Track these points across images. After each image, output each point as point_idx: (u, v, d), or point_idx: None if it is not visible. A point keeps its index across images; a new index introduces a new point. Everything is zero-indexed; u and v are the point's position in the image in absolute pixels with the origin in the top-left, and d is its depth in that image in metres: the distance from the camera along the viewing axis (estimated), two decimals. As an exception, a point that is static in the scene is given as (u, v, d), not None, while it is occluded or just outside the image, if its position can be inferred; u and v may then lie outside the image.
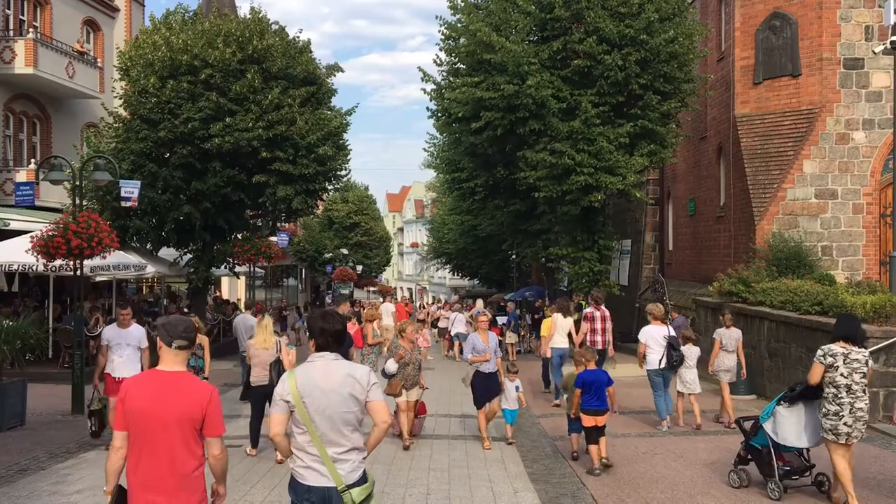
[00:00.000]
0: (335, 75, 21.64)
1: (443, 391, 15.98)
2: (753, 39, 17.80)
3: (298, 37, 20.96)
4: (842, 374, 7.02)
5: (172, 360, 4.21)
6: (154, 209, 19.26)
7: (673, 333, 11.51)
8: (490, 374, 10.63)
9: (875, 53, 14.76)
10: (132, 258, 18.67)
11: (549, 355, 14.25)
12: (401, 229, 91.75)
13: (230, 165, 19.56)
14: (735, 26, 18.17)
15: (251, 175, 19.70)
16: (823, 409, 7.20)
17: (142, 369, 9.76)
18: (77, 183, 13.88)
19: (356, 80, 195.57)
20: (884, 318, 11.83)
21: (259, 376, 9.68)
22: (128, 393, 4.13)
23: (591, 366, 9.39)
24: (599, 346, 13.34)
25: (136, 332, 10.34)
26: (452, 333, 22.13)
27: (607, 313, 14.00)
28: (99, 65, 24.60)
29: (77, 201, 13.83)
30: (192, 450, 4.10)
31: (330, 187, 24.11)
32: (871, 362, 7.41)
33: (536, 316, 24.89)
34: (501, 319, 23.17)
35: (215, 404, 4.17)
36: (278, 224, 27.19)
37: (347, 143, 22.08)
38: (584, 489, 8.37)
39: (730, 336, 11.86)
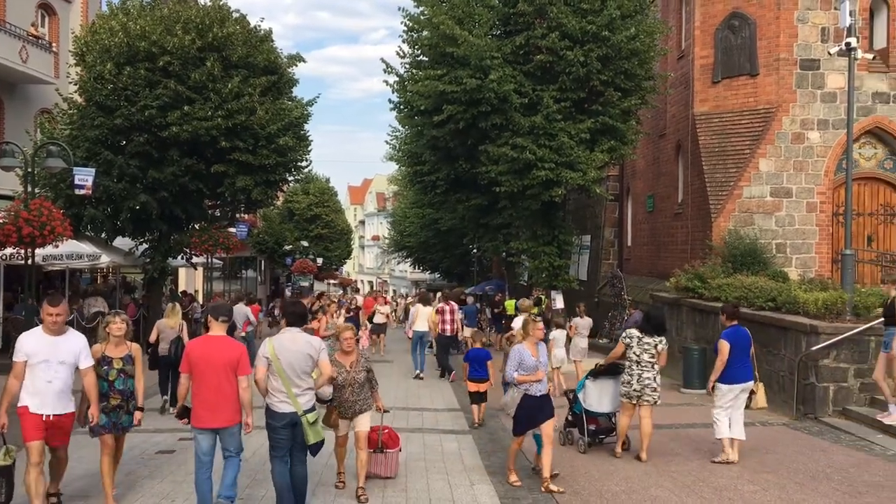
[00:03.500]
0: (296, 65, 21.39)
1: (400, 385, 15.97)
2: (713, 38, 18.04)
3: (260, 26, 20.68)
4: (634, 353, 9.23)
5: (218, 329, 6.82)
6: (109, 198, 18.86)
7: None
8: (543, 397, 8.21)
9: (830, 55, 15.04)
10: (86, 247, 18.28)
11: (409, 336, 17.77)
12: (362, 222, 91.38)
13: (188, 154, 19.23)
14: (695, 25, 18.39)
15: (210, 165, 19.40)
16: (622, 378, 9.39)
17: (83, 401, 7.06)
18: (29, 170, 13.58)
19: (318, 72, 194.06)
20: (835, 314, 12.10)
21: (163, 349, 11.92)
22: (192, 350, 6.69)
23: (477, 345, 12.15)
24: (448, 333, 16.95)
25: (74, 343, 6.78)
26: (412, 331, 20.78)
27: (455, 307, 17.46)
28: (54, 50, 23.99)
29: (29, 188, 13.52)
30: (231, 383, 6.60)
31: (290, 178, 23.85)
32: (660, 346, 9.22)
33: (497, 310, 25.01)
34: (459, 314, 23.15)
35: (244, 355, 6.71)
36: (237, 215, 26.81)
37: (308, 133, 21.87)
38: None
39: (583, 324, 15.38)
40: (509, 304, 25.00)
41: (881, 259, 17.62)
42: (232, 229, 24.86)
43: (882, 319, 10.95)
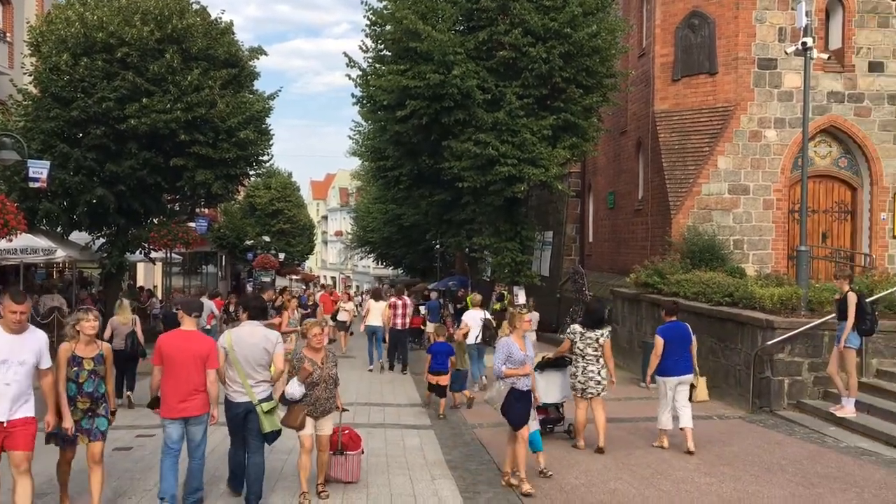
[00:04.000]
0: (258, 58, 21.19)
1: (363, 380, 15.93)
2: (673, 37, 18.24)
3: (220, 18, 20.41)
4: (579, 347, 9.57)
5: (190, 324, 7.10)
6: (65, 191, 18.48)
7: (489, 316, 14.28)
8: (528, 392, 8.08)
9: (787, 54, 15.31)
10: (41, 241, 17.89)
11: (362, 330, 18.25)
12: (325, 217, 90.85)
13: (147, 148, 18.93)
14: (655, 23, 18.58)
15: (169, 158, 19.11)
16: (570, 371, 9.75)
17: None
18: (-19, 162, 13.23)
19: (280, 66, 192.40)
20: (790, 309, 12.34)
21: (119, 345, 11.86)
22: (163, 343, 6.90)
23: (440, 339, 12.53)
24: (399, 327, 17.14)
25: (35, 341, 6.24)
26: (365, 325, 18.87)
27: (408, 301, 17.78)
28: (8, 40, 23.42)
29: (-19, 181, 13.18)
30: (200, 375, 6.83)
31: (251, 173, 23.66)
32: (602, 339, 9.57)
33: (459, 305, 25.06)
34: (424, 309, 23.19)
35: (214, 349, 6.97)
36: (197, 209, 26.50)
37: (270, 127, 21.70)
38: (501, 476, 8.46)
39: (533, 319, 15.75)
40: (470, 299, 25.09)
41: (835, 255, 18.02)
42: (191, 224, 24.56)
43: (835, 314, 11.19)
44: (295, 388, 7.32)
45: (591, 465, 8.86)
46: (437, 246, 36.81)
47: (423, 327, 21.39)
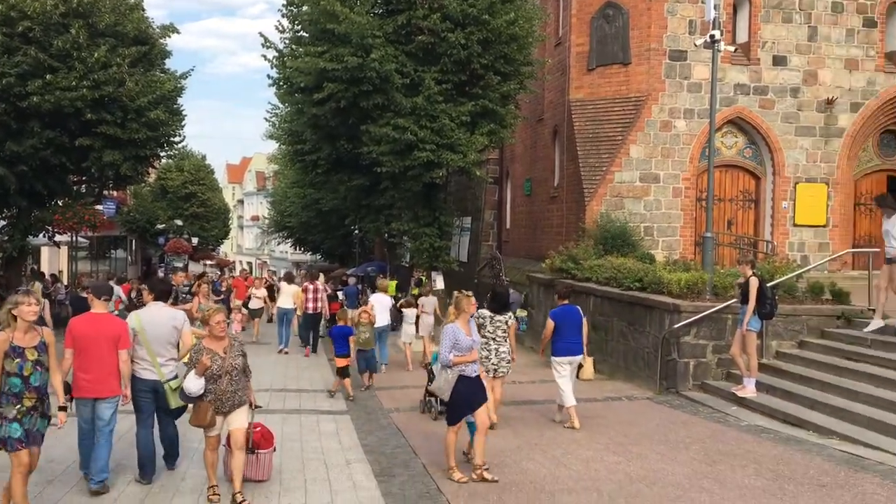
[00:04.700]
0: (170, 36, 20.65)
1: (278, 365, 15.76)
2: (589, 27, 18.56)
3: (130, -8, 19.74)
4: (489, 331, 9.76)
5: (100, 307, 7.26)
6: (-39, 171, 17.62)
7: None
8: (476, 378, 7.86)
9: (696, 46, 15.78)
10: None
11: (273, 312, 19.18)
12: (241, 201, 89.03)
13: (50, 126, 18.19)
14: (571, 13, 18.87)
15: (74, 138, 18.43)
16: (482, 354, 9.58)
17: None
18: None
19: (194, 45, 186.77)
20: (696, 294, 12.78)
21: None
22: (75, 326, 6.99)
23: (343, 323, 13.16)
24: (312, 310, 17.64)
25: None
26: (276, 308, 19.53)
27: (320, 285, 18.32)
28: None
29: None
30: (112, 357, 6.97)
31: (162, 154, 23.00)
32: (511, 320, 9.98)
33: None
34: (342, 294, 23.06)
35: (126, 331, 7.13)
36: (105, 191, 25.59)
37: (182, 108, 21.19)
38: (417, 459, 8.54)
39: (429, 302, 16.13)
40: (391, 285, 25.07)
41: (739, 242, 18.77)
42: (99, 206, 23.74)
43: (738, 299, 11.65)
44: (192, 383, 6.74)
45: (504, 445, 9.00)
46: (356, 231, 36.62)
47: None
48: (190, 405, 7.04)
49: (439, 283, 19.71)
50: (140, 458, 7.40)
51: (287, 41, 18.97)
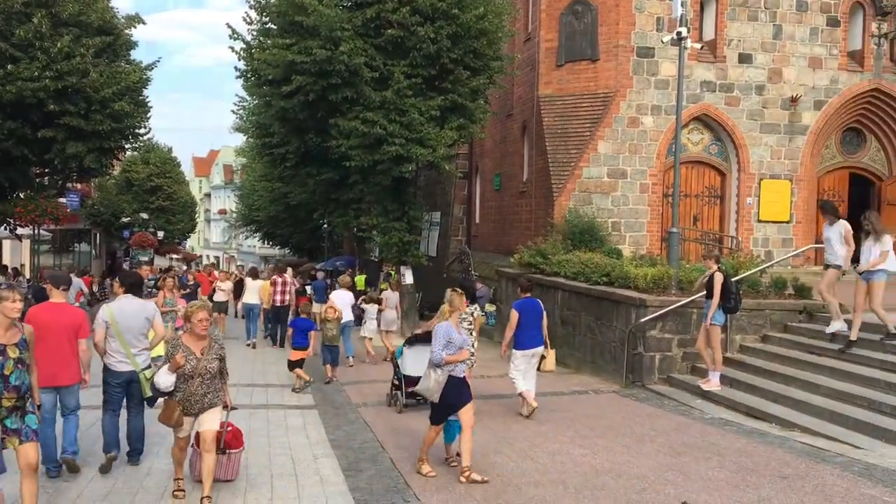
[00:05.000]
0: (135, 27, 20.32)
1: (246, 360, 15.65)
2: (558, 23, 18.63)
3: (94, -18, 19.38)
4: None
5: (59, 296, 7.36)
6: (-81, 162, 17.23)
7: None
8: (463, 379, 7.67)
9: (663, 43, 15.92)
10: None
11: (239, 307, 19.41)
12: (208, 195, 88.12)
13: (12, 117, 17.83)
14: (541, 9, 18.93)
15: (37, 129, 18.08)
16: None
17: None
18: None
19: (161, 36, 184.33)
20: (661, 288, 12.92)
21: None
22: (34, 315, 6.97)
23: (303, 316, 13.17)
24: (280, 303, 17.82)
25: None
26: (242, 303, 19.99)
27: (288, 278, 18.50)
28: None
29: None
30: (72, 345, 7.15)
31: (127, 146, 22.67)
32: (476, 312, 10.48)
33: (347, 286, 24.91)
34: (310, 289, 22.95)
35: (85, 320, 7.32)
36: (68, 184, 25.17)
37: (148, 99, 20.89)
38: (384, 453, 8.53)
39: (392, 298, 16.59)
40: (359, 280, 25.00)
41: (705, 237, 18.99)
42: (62, 199, 23.34)
43: (703, 293, 11.80)
44: (163, 378, 6.56)
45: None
46: (325, 225, 36.39)
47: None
48: (160, 399, 6.92)
49: (408, 277, 19.69)
50: (106, 438, 7.64)
51: (255, 33, 18.77)
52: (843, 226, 11.25)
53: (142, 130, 21.45)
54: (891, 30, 19.04)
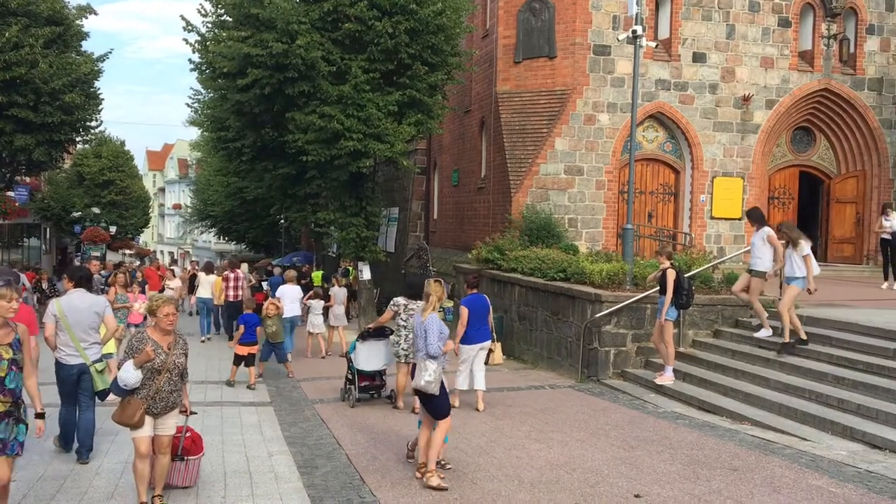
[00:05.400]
0: (86, 17, 19.91)
1: (200, 354, 15.44)
2: (515, 19, 18.70)
3: (43, -30, 18.92)
4: (402, 318, 10.42)
5: None
6: None
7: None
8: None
9: (619, 41, 16.09)
10: None
11: (192, 302, 19.76)
12: (162, 189, 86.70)
13: (-44, 108, 17.36)
14: (499, 5, 18.97)
15: (-17, 121, 17.62)
16: (393, 340, 10.65)
17: None
18: None
19: (113, 27, 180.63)
20: (616, 284, 13.06)
21: None
22: None
23: (249, 311, 13.22)
24: (231, 298, 17.99)
25: None
26: (195, 298, 20.21)
27: (240, 274, 18.72)
28: None
29: None
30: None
31: (78, 139, 22.20)
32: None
33: (304, 281, 24.73)
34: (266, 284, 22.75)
35: (32, 316, 7.42)
36: (17, 177, 24.55)
37: (99, 91, 20.47)
38: (340, 450, 8.49)
39: (340, 293, 17.05)
40: (316, 276, 24.85)
41: (659, 234, 19.25)
42: (10, 193, 22.73)
43: (657, 289, 11.96)
44: (129, 374, 6.14)
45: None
46: (282, 221, 36.06)
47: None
48: (114, 396, 6.64)
49: (366, 273, 19.62)
50: (62, 431, 7.84)
51: (210, 25, 18.51)
52: (767, 231, 11.66)
53: (93, 123, 21.05)
54: (840, 31, 19.50)
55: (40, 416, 5.81)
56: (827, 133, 20.42)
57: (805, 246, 10.94)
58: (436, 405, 7.34)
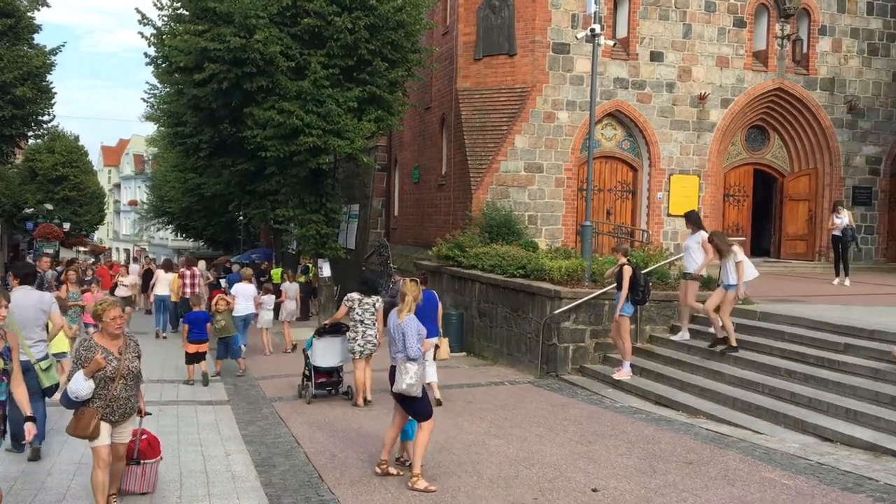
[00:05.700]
0: (38, 9, 19.45)
1: (156, 353, 15.23)
2: (475, 17, 18.72)
3: (-8, -40, 18.45)
4: (357, 314, 10.57)
5: None
6: None
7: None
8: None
9: (578, 40, 16.18)
10: None
11: (150, 300, 19.75)
12: (117, 185, 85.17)
13: None
14: (459, 2, 18.97)
15: (-71, 114, 17.14)
16: (349, 336, 10.67)
17: None
18: None
19: (66, 20, 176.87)
20: (575, 280, 13.16)
21: None
22: None
23: (197, 309, 13.26)
24: (189, 295, 17.60)
25: None
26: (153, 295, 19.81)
27: (197, 271, 18.88)
28: None
29: None
30: None
31: (30, 134, 21.70)
32: (378, 304, 10.73)
33: (263, 279, 24.49)
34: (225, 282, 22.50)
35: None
36: (-35, 173, 23.97)
37: (52, 85, 20.02)
38: (299, 448, 8.44)
39: (292, 289, 17.55)
40: (275, 273, 24.62)
41: (617, 231, 19.45)
42: (-42, 189, 22.14)
43: (614, 285, 12.08)
44: (81, 384, 5.76)
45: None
46: (241, 217, 35.69)
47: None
48: (56, 395, 6.61)
49: (326, 270, 19.50)
50: (12, 431, 7.27)
51: (166, 18, 18.21)
52: (703, 235, 11.90)
53: (45, 117, 20.61)
54: (793, 32, 19.88)
55: (30, 419, 5.68)
56: (780, 132, 20.82)
57: (738, 253, 11.17)
58: (418, 407, 7.21)
